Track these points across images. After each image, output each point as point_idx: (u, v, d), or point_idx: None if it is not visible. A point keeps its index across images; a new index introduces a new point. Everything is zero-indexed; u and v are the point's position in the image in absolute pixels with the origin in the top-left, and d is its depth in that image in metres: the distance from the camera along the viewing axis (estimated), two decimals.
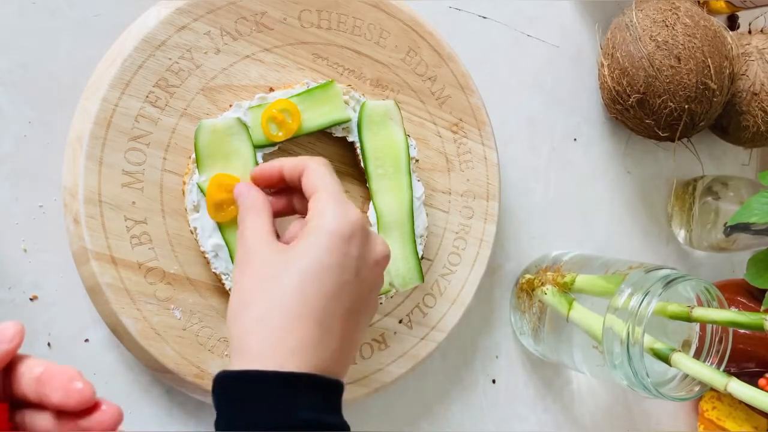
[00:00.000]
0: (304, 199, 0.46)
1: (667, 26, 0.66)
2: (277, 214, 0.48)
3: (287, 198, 0.49)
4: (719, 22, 0.69)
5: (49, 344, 0.52)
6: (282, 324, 0.39)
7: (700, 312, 0.57)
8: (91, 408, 0.33)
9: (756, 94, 0.71)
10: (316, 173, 0.45)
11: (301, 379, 0.38)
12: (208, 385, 0.52)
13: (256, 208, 0.45)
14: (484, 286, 0.66)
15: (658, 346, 0.58)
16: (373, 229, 0.44)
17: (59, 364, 0.33)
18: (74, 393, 0.32)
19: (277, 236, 0.45)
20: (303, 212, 0.48)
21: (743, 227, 0.72)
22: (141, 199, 0.51)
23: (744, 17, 0.81)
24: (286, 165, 0.47)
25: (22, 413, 0.34)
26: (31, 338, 0.51)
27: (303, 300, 0.39)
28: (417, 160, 0.59)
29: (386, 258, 0.45)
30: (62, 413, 0.33)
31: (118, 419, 0.33)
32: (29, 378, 0.33)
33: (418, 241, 0.57)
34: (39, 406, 0.33)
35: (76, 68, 0.52)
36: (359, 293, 0.42)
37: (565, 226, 0.74)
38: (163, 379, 0.53)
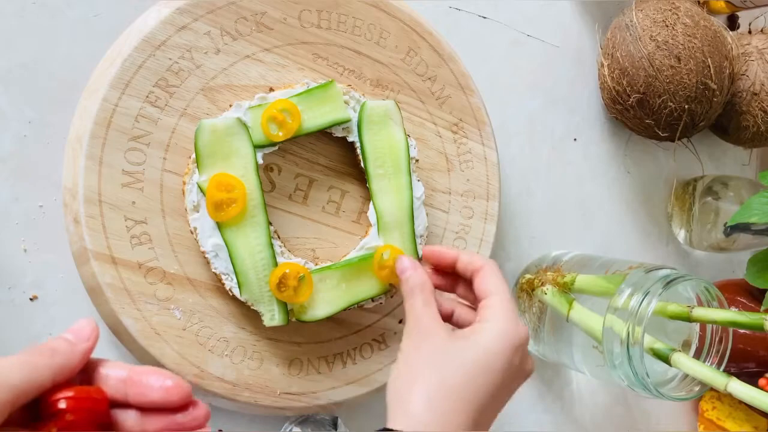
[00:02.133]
0: (466, 288, 0.52)
1: (667, 26, 0.66)
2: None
3: (447, 280, 0.54)
4: (719, 22, 0.69)
5: None
6: (450, 403, 0.43)
7: (700, 312, 0.57)
8: (186, 404, 0.35)
9: (756, 94, 0.71)
10: (493, 276, 0.49)
11: None
12: (208, 384, 0.52)
13: (427, 288, 0.49)
14: None
15: (658, 346, 0.58)
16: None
17: (137, 366, 0.36)
18: (176, 390, 0.34)
19: None
20: (461, 296, 0.53)
21: (743, 227, 0.72)
22: (141, 199, 0.51)
23: (744, 17, 0.81)
24: (463, 258, 0.51)
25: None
26: (31, 338, 0.51)
27: (472, 391, 0.44)
28: (417, 160, 0.59)
29: (531, 373, 0.49)
30: (151, 411, 0.35)
31: (209, 414, 0.35)
32: (115, 379, 0.35)
33: (418, 241, 0.57)
34: (123, 405, 0.35)
35: (76, 68, 0.52)
36: (506, 397, 0.47)
37: (565, 226, 0.74)
38: None
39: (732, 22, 0.81)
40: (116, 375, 0.35)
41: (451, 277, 0.53)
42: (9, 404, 0.31)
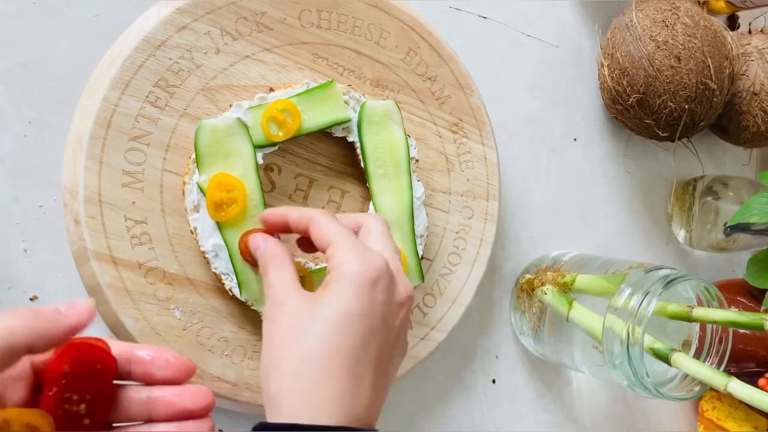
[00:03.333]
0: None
1: (667, 26, 0.66)
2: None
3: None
4: (719, 22, 0.69)
5: None
6: (313, 377, 0.39)
7: (700, 312, 0.57)
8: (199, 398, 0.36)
9: (756, 94, 0.71)
10: (324, 226, 0.44)
11: (335, 431, 0.38)
12: (208, 385, 0.52)
13: (277, 258, 0.45)
14: (484, 286, 0.66)
15: (658, 346, 0.58)
16: (397, 267, 0.44)
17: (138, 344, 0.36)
18: (181, 366, 0.36)
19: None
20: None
21: (743, 227, 0.72)
22: (141, 199, 0.51)
23: (744, 17, 0.81)
24: (291, 216, 0.47)
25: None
26: None
27: (333, 351, 0.39)
28: (417, 160, 0.59)
29: (410, 299, 0.44)
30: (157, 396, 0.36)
31: (213, 403, 0.36)
32: (118, 357, 0.36)
33: (418, 241, 0.57)
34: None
35: (76, 68, 0.52)
36: (387, 338, 0.42)
37: (565, 226, 0.74)
38: None
39: (732, 22, 0.81)
40: (118, 353, 0.35)
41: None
42: None
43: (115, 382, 0.36)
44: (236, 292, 0.52)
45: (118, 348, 0.37)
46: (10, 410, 0.32)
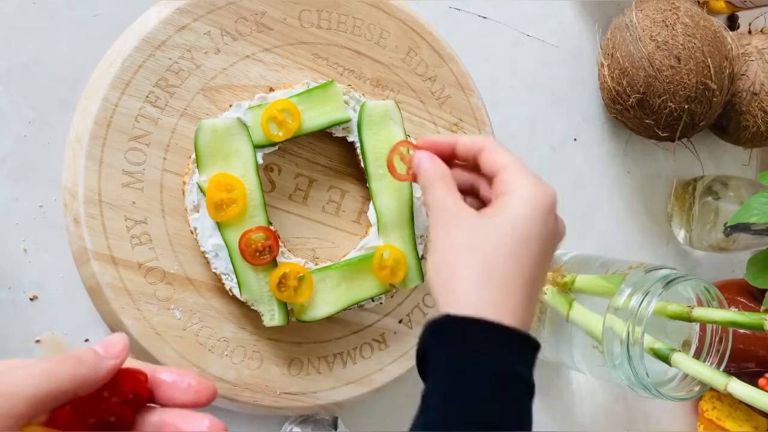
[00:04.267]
0: (470, 175, 0.49)
1: (667, 26, 0.66)
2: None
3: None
4: (719, 22, 0.69)
5: None
6: (501, 284, 0.41)
7: (700, 312, 0.57)
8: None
9: (756, 94, 0.71)
10: (499, 151, 0.47)
11: (521, 337, 0.41)
12: None
13: (445, 176, 0.47)
14: None
15: (658, 346, 0.58)
16: None
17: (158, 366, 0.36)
18: (205, 390, 0.36)
19: None
20: (463, 189, 0.49)
21: (743, 227, 0.72)
22: (141, 199, 0.51)
23: (744, 17, 0.81)
24: (462, 141, 0.49)
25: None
26: (31, 338, 0.51)
27: (517, 265, 0.42)
28: None
29: (564, 235, 0.48)
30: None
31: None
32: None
33: (419, 241, 0.57)
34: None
35: (76, 68, 0.52)
36: (547, 263, 0.46)
37: (565, 226, 0.74)
38: None
39: (732, 22, 0.81)
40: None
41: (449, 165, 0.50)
42: (25, 416, 0.30)
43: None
44: (236, 292, 0.52)
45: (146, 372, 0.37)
46: (33, 428, 0.32)
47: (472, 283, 0.41)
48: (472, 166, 0.49)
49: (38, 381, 0.30)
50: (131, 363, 0.36)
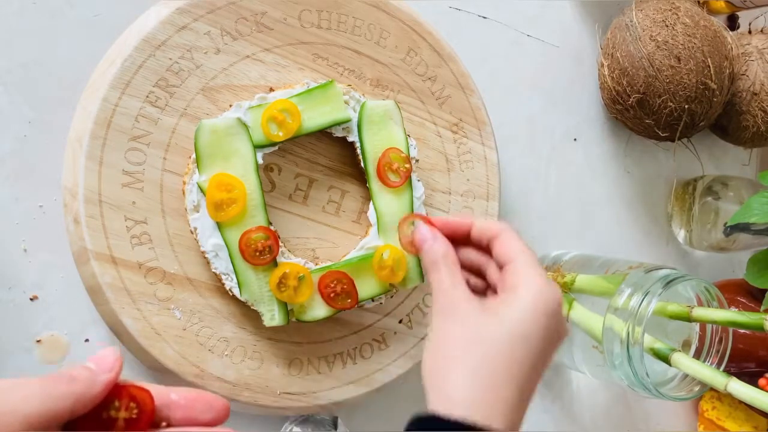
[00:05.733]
0: (477, 253, 0.49)
1: (667, 26, 0.66)
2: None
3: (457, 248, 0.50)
4: (719, 22, 0.69)
5: None
6: (495, 386, 0.41)
7: (700, 312, 0.57)
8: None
9: (756, 94, 0.71)
10: (513, 240, 0.46)
11: None
12: (208, 384, 0.52)
13: (449, 258, 0.46)
14: None
15: (658, 346, 0.58)
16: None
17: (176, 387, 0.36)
18: (224, 410, 0.36)
19: None
20: (471, 268, 0.50)
21: (743, 227, 0.72)
22: (141, 199, 0.51)
23: (744, 17, 0.81)
24: (478, 224, 0.48)
25: None
26: (31, 338, 0.51)
27: (511, 364, 0.42)
28: (417, 160, 0.59)
29: (566, 336, 0.47)
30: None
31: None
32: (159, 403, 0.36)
33: None
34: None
35: (76, 68, 0.52)
36: (546, 365, 0.45)
37: (565, 226, 0.74)
38: (163, 379, 0.53)
39: (732, 22, 0.81)
40: (159, 400, 0.35)
41: (460, 245, 0.50)
42: None
43: None
44: (236, 292, 0.52)
45: (154, 392, 0.37)
46: None
47: (463, 381, 0.41)
48: (484, 248, 0.48)
49: (33, 400, 0.31)
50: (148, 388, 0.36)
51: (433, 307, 0.46)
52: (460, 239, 0.49)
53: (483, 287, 0.49)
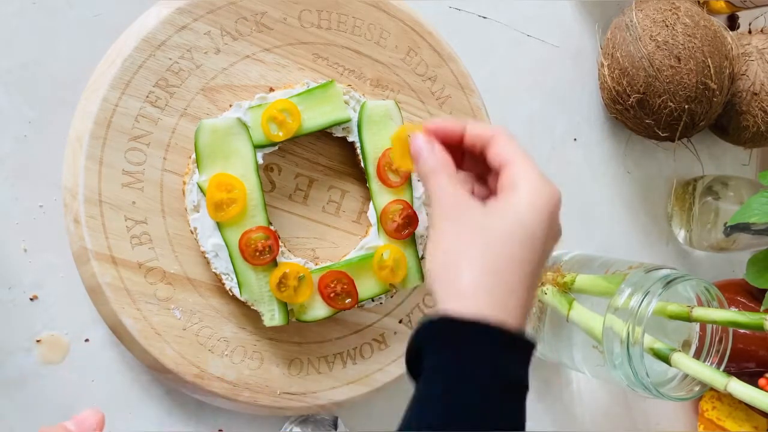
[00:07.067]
0: (473, 163, 0.48)
1: (667, 26, 0.66)
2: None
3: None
4: (719, 22, 0.69)
5: None
6: (506, 286, 0.41)
7: (700, 312, 0.57)
8: None
9: (756, 94, 0.71)
10: (509, 143, 0.46)
11: (521, 340, 0.41)
12: (208, 384, 0.52)
13: (447, 165, 0.45)
14: None
15: (658, 346, 0.58)
16: None
17: None
18: None
19: None
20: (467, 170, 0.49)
21: (743, 227, 0.72)
22: (141, 199, 0.51)
23: (744, 17, 0.81)
24: (471, 129, 0.47)
25: None
26: (31, 338, 0.51)
27: (521, 266, 0.42)
28: None
29: (561, 231, 0.48)
30: None
31: None
32: None
33: (418, 241, 0.57)
34: None
35: (76, 68, 0.52)
36: (545, 261, 0.45)
37: (565, 226, 0.73)
38: (163, 379, 0.53)
39: (732, 22, 0.81)
40: None
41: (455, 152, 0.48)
42: None
43: None
44: (236, 292, 0.52)
45: None
46: None
47: (473, 279, 0.41)
48: (477, 155, 0.47)
49: None
50: None
51: (433, 213, 0.44)
52: (455, 145, 0.47)
53: (486, 194, 0.48)
